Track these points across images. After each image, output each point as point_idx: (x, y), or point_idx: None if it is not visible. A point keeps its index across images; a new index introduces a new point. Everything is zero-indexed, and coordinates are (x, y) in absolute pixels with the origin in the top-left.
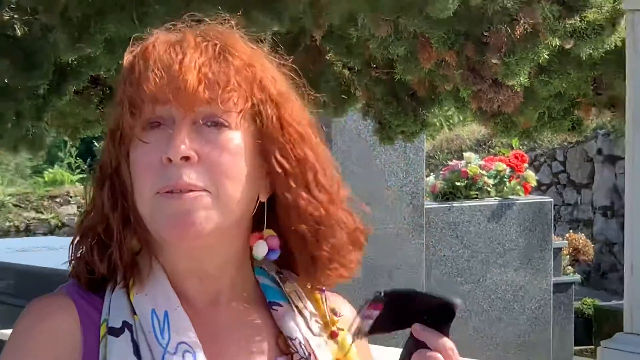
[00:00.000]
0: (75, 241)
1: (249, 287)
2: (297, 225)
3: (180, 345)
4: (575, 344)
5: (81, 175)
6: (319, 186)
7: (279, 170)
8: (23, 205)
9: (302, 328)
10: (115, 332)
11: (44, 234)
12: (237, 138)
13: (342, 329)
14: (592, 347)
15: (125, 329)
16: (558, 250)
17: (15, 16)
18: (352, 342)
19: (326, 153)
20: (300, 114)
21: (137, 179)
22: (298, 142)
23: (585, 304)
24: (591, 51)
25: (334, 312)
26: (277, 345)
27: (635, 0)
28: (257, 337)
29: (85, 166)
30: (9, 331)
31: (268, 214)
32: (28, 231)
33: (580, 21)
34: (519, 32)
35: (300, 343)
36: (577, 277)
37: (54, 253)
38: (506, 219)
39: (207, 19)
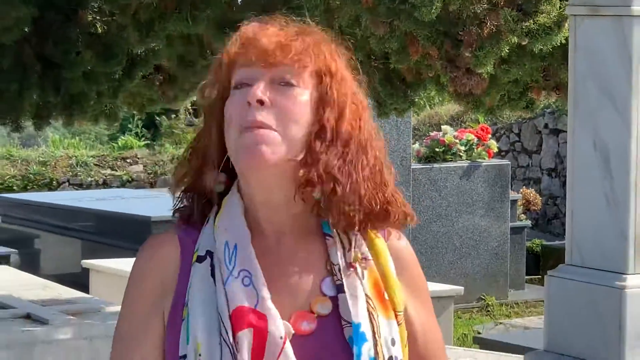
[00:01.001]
0: (179, 196)
1: (310, 220)
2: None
3: (242, 272)
4: (527, 274)
5: (146, 142)
6: (344, 151)
7: (324, 124)
8: (101, 165)
9: (339, 257)
10: (200, 259)
11: (117, 187)
12: (304, 94)
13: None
14: (539, 276)
15: (208, 257)
16: (514, 202)
17: (97, 17)
18: None
19: (366, 132)
20: (345, 93)
21: (228, 124)
22: (334, 113)
23: (534, 244)
24: (542, 47)
25: (361, 252)
26: (326, 268)
27: (576, 8)
28: (312, 260)
29: (149, 134)
30: (90, 260)
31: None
32: (105, 184)
33: (533, 24)
34: (486, 32)
35: (338, 268)
36: (528, 222)
37: (125, 201)
38: (474, 177)
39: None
